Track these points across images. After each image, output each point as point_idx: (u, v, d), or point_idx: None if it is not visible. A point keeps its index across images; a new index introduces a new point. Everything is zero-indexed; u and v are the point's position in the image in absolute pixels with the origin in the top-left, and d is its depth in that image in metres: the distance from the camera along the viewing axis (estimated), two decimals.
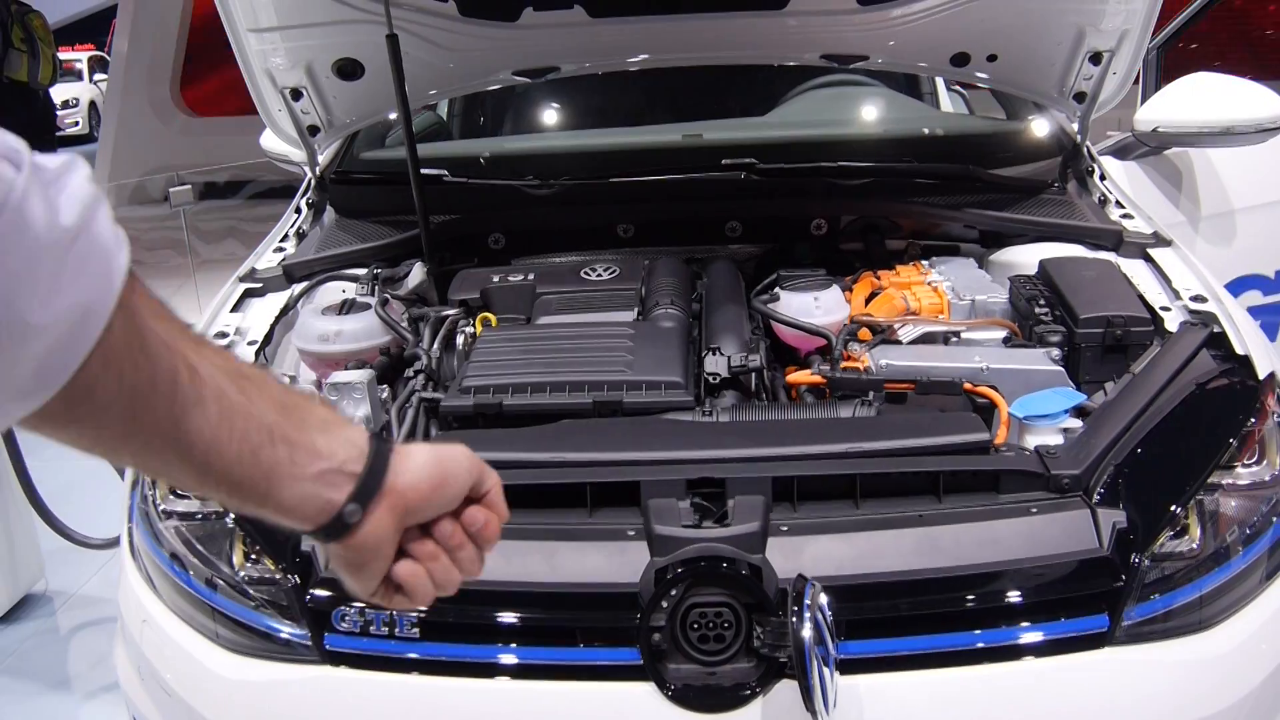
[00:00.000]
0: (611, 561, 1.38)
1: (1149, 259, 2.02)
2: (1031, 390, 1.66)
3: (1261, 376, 1.64)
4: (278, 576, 1.44)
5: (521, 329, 1.88)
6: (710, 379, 1.73)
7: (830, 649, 1.25)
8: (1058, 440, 1.56)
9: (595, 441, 1.53)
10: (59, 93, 10.87)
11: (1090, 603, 1.37)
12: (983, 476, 1.46)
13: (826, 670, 1.26)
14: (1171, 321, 1.80)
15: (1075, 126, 2.36)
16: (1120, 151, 2.66)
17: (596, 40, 2.22)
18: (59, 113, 10.91)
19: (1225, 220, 2.67)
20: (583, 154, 2.51)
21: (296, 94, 2.23)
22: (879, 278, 2.06)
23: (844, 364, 1.75)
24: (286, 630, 1.42)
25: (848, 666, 1.32)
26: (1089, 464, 1.45)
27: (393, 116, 2.46)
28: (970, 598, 1.36)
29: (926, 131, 2.65)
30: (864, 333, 1.88)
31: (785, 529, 1.40)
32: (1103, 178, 2.34)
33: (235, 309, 2.02)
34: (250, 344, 1.89)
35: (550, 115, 3.20)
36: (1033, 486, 1.45)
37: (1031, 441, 1.56)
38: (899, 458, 1.47)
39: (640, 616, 1.32)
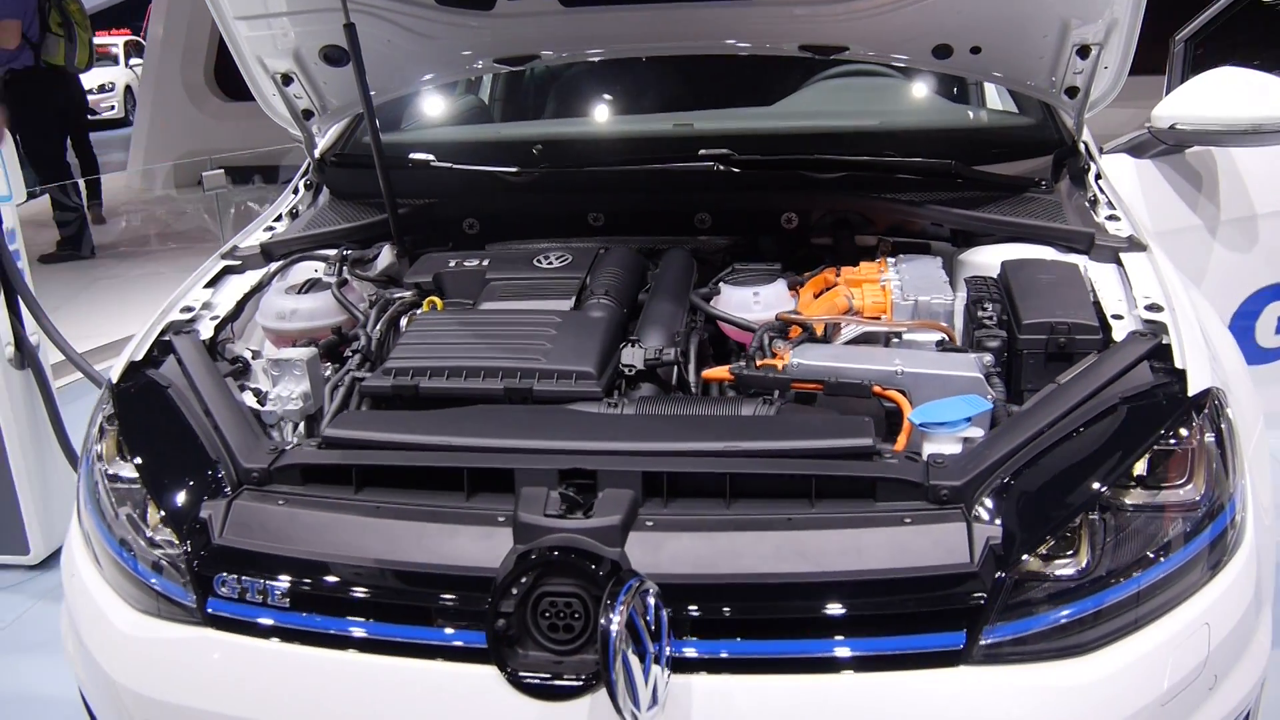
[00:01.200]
0: (476, 545, 1.41)
1: (1121, 264, 1.93)
2: (948, 396, 1.61)
3: (1196, 392, 1.56)
4: (174, 542, 1.52)
5: (454, 314, 1.92)
6: (625, 370, 1.73)
7: (654, 646, 1.25)
8: (956, 449, 1.51)
9: (486, 427, 1.56)
10: (95, 77, 11.31)
11: (948, 619, 1.33)
12: (859, 483, 1.43)
13: (657, 667, 1.27)
14: (1120, 330, 1.72)
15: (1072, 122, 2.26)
16: (1136, 149, 2.53)
17: (571, 29, 2.23)
18: (94, 97, 11.38)
19: (1247, 225, 2.51)
20: (566, 141, 2.53)
21: (287, 79, 2.32)
22: (838, 274, 2.02)
23: (763, 362, 1.73)
24: (178, 593, 1.50)
25: (689, 665, 1.32)
26: (973, 476, 1.41)
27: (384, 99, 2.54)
28: (823, 605, 1.34)
29: (919, 125, 2.57)
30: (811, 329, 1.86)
31: (650, 524, 1.40)
32: (1099, 177, 2.24)
33: (212, 284, 2.12)
34: (213, 319, 1.99)
35: (576, 102, 3.23)
36: (911, 496, 1.41)
37: (930, 449, 1.52)
38: (773, 459, 1.45)
39: (490, 601, 1.34)
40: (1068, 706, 1.32)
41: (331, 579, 1.43)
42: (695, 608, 1.34)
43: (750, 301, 1.89)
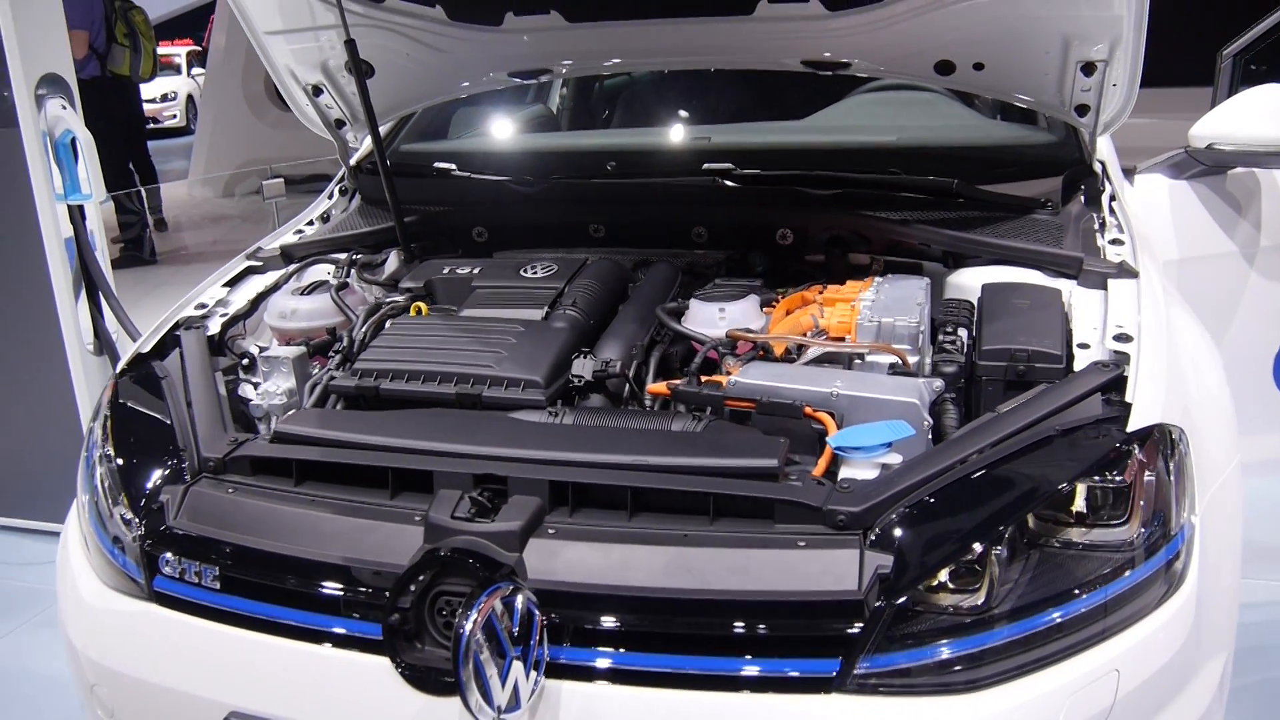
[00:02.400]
0: (389, 542, 1.47)
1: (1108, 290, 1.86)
2: (883, 419, 1.59)
3: (1138, 428, 1.50)
4: (133, 521, 1.65)
5: (426, 320, 1.99)
6: (574, 381, 1.77)
7: (515, 649, 1.29)
8: (873, 474, 1.49)
9: (421, 430, 1.62)
10: (158, 87, 11.65)
11: (824, 645, 1.32)
12: (758, 503, 1.43)
13: (521, 671, 1.31)
14: (1083, 360, 1.66)
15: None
16: (1174, 169, 2.41)
17: (577, 44, 2.28)
18: (156, 106, 11.73)
19: None
20: (580, 153, 2.59)
21: (317, 90, 2.45)
22: (822, 292, 2.01)
23: (708, 378, 1.74)
24: (132, 569, 1.62)
25: (563, 672, 1.35)
26: (873, 504, 1.39)
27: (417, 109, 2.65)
28: (702, 622, 1.35)
29: (937, 141, 2.51)
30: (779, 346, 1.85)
31: (552, 532, 1.44)
32: (1113, 198, 2.15)
33: (233, 283, 2.27)
34: (223, 316, 2.12)
35: (615, 114, 3.30)
36: (809, 519, 1.41)
37: (846, 473, 1.51)
38: (677, 475, 1.46)
39: (389, 596, 1.41)
40: None
41: (257, 566, 1.52)
42: (577, 616, 1.38)
43: (716, 317, 1.90)
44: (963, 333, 1.79)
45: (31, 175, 2.98)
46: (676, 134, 2.69)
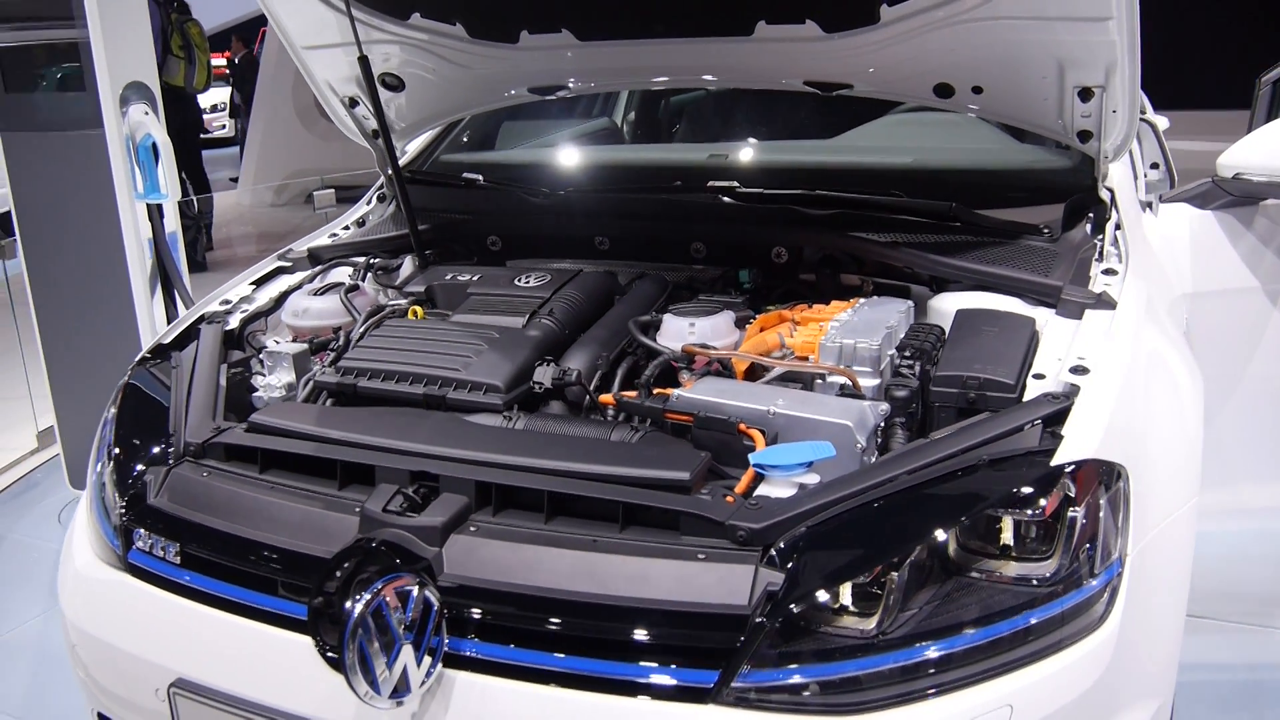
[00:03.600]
0: (330, 530, 1.57)
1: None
2: (816, 439, 1.60)
3: (1067, 463, 1.47)
4: (120, 497, 1.79)
5: (414, 322, 2.08)
6: (535, 387, 1.83)
7: (406, 636, 1.36)
8: (789, 493, 1.51)
9: (377, 427, 1.71)
10: (209, 97, 11.90)
11: (706, 657, 1.35)
12: (666, 514, 1.47)
13: (414, 658, 1.38)
14: (1036, 390, 1.64)
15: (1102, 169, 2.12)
16: (1200, 199, 2.31)
17: (588, 61, 2.34)
18: (208, 116, 12.03)
19: None
20: (599, 167, 2.65)
21: (354, 102, 2.58)
22: (800, 311, 2.02)
23: (659, 391, 1.78)
24: (114, 541, 1.76)
25: (461, 663, 1.42)
26: (775, 521, 1.41)
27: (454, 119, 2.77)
28: (595, 625, 1.39)
29: (951, 164, 2.48)
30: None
31: (474, 530, 1.51)
32: (1118, 226, 2.09)
33: (261, 282, 2.42)
34: (243, 312, 2.27)
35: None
36: (713, 533, 1.43)
37: (765, 490, 1.53)
38: (594, 482, 1.51)
39: (316, 580, 1.50)
40: None
41: (211, 544, 1.63)
42: (483, 611, 1.44)
43: (686, 331, 1.94)
44: (922, 356, 1.78)
45: (114, 175, 3.22)
46: (694, 152, 2.73)
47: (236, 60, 11.11)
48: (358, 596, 1.36)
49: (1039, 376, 1.67)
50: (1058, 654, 1.39)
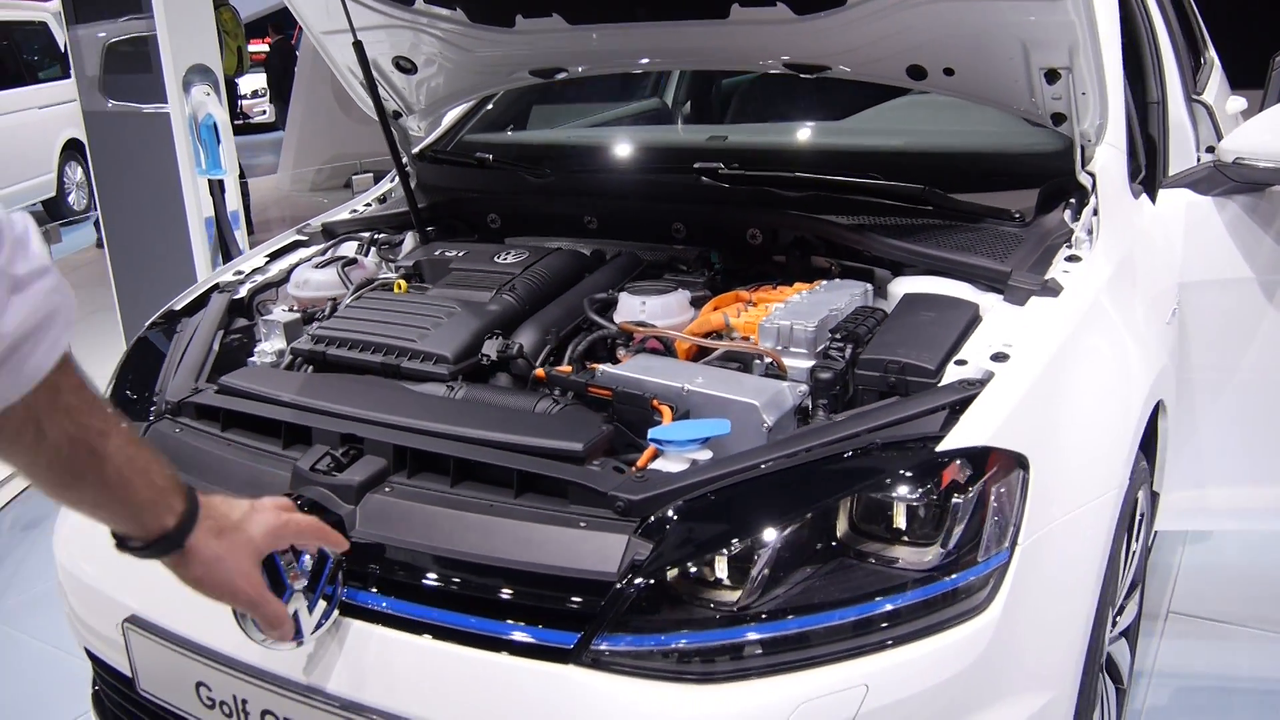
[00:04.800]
0: (266, 486, 1.68)
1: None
2: (724, 417, 1.63)
3: (957, 448, 1.47)
4: None
5: (388, 295, 2.18)
6: (482, 360, 1.91)
7: (295, 585, 1.46)
8: (681, 467, 1.55)
9: (325, 392, 1.82)
10: (249, 83, 12.03)
11: (570, 619, 1.40)
12: (556, 483, 1.53)
13: (306, 607, 1.48)
14: (953, 376, 1.63)
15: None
16: (1201, 184, 2.21)
17: (580, 45, 2.39)
18: (248, 102, 12.17)
19: None
20: (599, 148, 2.70)
21: (371, 86, 2.70)
22: (755, 292, 2.05)
23: (593, 365, 1.83)
24: None
25: (355, 613, 1.51)
26: (653, 494, 1.46)
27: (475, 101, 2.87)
28: (475, 583, 1.47)
29: (943, 147, 2.43)
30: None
31: (388, 490, 1.60)
32: (1095, 212, 2.03)
33: (278, 254, 2.57)
34: (252, 282, 2.42)
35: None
36: (597, 503, 1.49)
37: (659, 465, 1.57)
38: (494, 449, 1.58)
39: None
40: None
41: None
42: (384, 566, 1.53)
43: (638, 309, 1.98)
44: (857, 338, 1.78)
45: (177, 152, 3.45)
46: (696, 133, 2.74)
47: (271, 47, 11.40)
48: None
49: (961, 362, 1.65)
50: (926, 639, 1.39)
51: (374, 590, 1.52)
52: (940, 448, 1.48)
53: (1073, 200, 2.08)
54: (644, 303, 1.98)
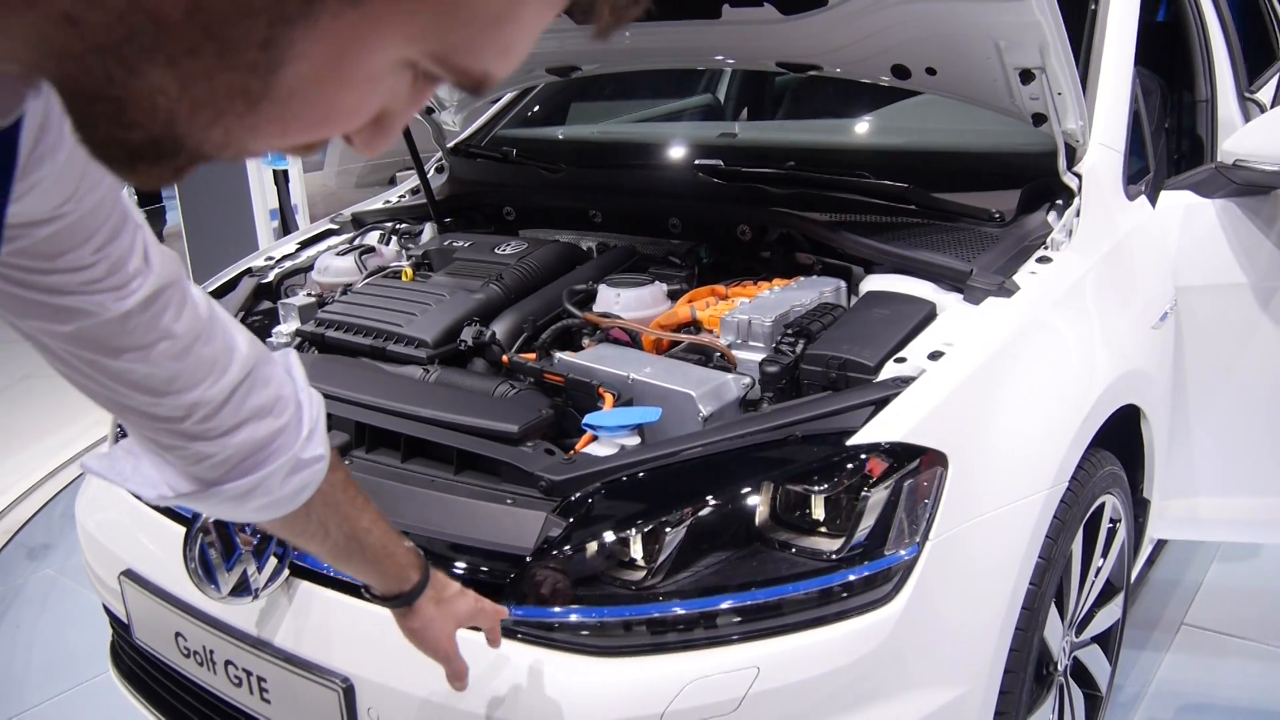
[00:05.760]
0: None
1: None
2: (663, 406, 1.69)
3: (868, 442, 1.50)
4: None
5: (390, 282, 2.30)
6: (460, 345, 2.01)
7: (244, 548, 1.59)
8: (611, 451, 1.61)
9: (310, 370, 1.95)
10: None
11: (487, 590, 1.48)
12: (491, 462, 1.61)
13: (255, 566, 1.60)
14: (891, 372, 1.66)
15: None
16: (1201, 186, 2.15)
17: (590, 44, 2.47)
18: None
19: None
20: (611, 143, 2.78)
21: None
22: (729, 286, 2.10)
23: (559, 354, 1.91)
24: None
25: (305, 574, 1.63)
26: (575, 475, 1.53)
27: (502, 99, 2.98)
28: None
29: (941, 146, 2.41)
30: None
31: (348, 463, 1.72)
32: (1078, 213, 2.01)
33: (310, 241, 2.73)
34: (281, 269, 2.58)
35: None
36: (525, 482, 1.57)
37: (592, 449, 1.64)
38: (439, 428, 1.68)
39: None
40: (553, 693, 1.42)
41: None
42: None
43: (613, 300, 2.05)
44: (808, 333, 1.82)
45: None
46: (706, 130, 2.79)
47: None
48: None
49: (900, 360, 1.67)
50: (823, 627, 1.43)
51: None
52: (853, 442, 1.51)
53: (1059, 201, 2.06)
54: (619, 295, 2.05)
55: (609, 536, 1.48)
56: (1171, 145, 2.87)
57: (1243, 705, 2.37)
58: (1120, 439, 2.06)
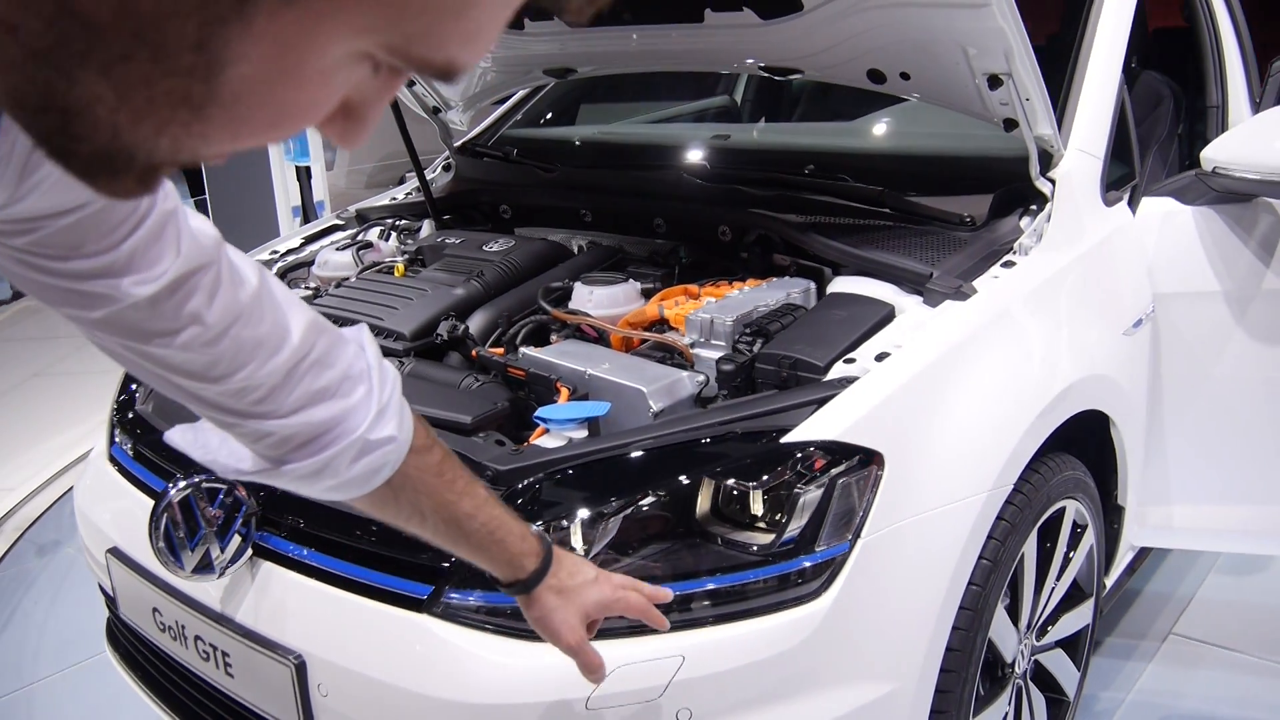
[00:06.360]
0: None
1: None
2: (617, 401, 1.74)
3: (799, 440, 1.53)
4: (120, 400, 2.22)
5: (379, 276, 2.37)
6: (436, 339, 2.07)
7: (207, 528, 1.66)
8: (559, 444, 1.66)
9: None
10: None
11: (429, 573, 1.54)
12: None
13: (218, 546, 1.67)
14: (839, 372, 1.68)
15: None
16: (1182, 193, 2.14)
17: (583, 46, 2.52)
18: None
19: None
20: (606, 145, 2.82)
21: (410, 82, 2.91)
22: (716, 286, 2.13)
23: (525, 349, 1.96)
24: (107, 437, 2.20)
25: (266, 554, 1.70)
26: (517, 466, 1.58)
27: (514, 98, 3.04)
28: (348, 536, 1.63)
29: (923, 150, 2.42)
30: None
31: None
32: (1049, 218, 2.02)
33: (314, 237, 2.81)
34: (283, 260, 2.66)
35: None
36: (475, 471, 1.61)
37: (543, 441, 1.69)
38: None
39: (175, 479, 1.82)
40: (488, 674, 1.47)
41: (144, 440, 2.02)
42: (291, 516, 1.71)
43: (586, 299, 2.10)
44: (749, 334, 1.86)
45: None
46: (701, 131, 2.82)
47: None
48: (173, 490, 1.68)
49: (850, 360, 1.70)
50: (750, 619, 1.47)
51: (282, 536, 1.71)
52: (787, 439, 1.54)
53: (1034, 206, 2.07)
54: (592, 292, 2.10)
55: (549, 525, 1.53)
56: (1184, 150, 2.85)
57: (1223, 716, 2.35)
58: (1092, 444, 2.06)
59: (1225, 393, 2.11)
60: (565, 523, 1.52)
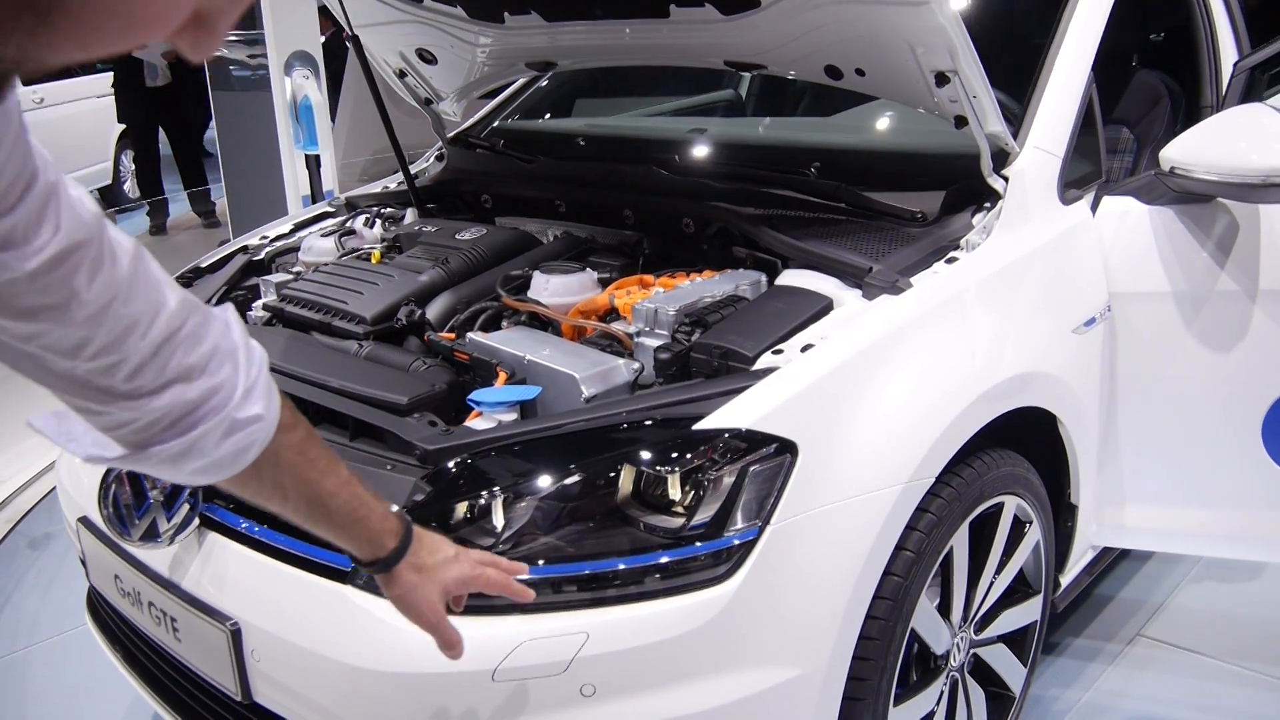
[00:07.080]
0: None
1: None
2: (550, 386, 1.79)
3: (710, 428, 1.57)
4: None
5: (350, 262, 2.44)
6: (396, 323, 2.13)
7: (154, 497, 1.73)
8: (489, 425, 1.71)
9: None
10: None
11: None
12: (380, 430, 1.73)
13: (165, 516, 1.75)
14: (767, 363, 1.72)
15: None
16: (1140, 192, 2.13)
17: (557, 40, 2.57)
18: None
19: (1236, 302, 1.99)
20: (589, 137, 2.87)
21: (402, 74, 2.97)
22: (671, 277, 2.17)
23: (473, 334, 2.02)
24: None
25: (214, 527, 1.77)
26: (445, 446, 1.64)
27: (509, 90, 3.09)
28: None
29: (891, 146, 2.43)
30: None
31: None
32: (999, 215, 2.03)
33: (303, 224, 2.89)
34: (271, 246, 2.74)
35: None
36: (406, 450, 1.68)
37: (472, 422, 1.74)
38: (340, 397, 1.80)
39: None
40: (403, 644, 1.52)
41: None
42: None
43: (543, 288, 2.15)
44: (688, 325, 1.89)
45: (279, 129, 3.87)
46: (679, 124, 2.85)
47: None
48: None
49: (778, 351, 1.73)
50: (655, 600, 1.51)
51: (227, 508, 1.78)
52: (699, 426, 1.58)
53: (987, 204, 2.08)
54: (549, 281, 2.14)
55: (468, 503, 1.58)
56: None
57: (1176, 718, 2.34)
58: (1045, 442, 2.07)
59: (1180, 394, 2.10)
60: (486, 501, 1.57)
